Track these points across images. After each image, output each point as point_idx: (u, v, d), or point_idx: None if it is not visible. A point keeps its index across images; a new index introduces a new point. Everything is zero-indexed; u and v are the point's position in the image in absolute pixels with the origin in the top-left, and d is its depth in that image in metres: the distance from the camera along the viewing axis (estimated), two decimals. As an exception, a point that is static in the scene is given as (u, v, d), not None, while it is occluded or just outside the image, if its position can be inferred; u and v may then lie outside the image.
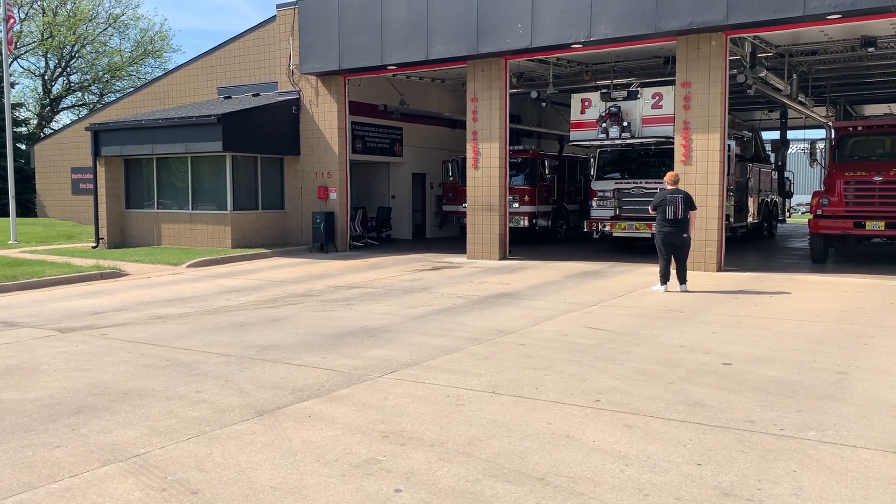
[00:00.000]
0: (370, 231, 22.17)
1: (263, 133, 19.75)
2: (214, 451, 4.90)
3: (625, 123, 17.22)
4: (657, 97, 16.95)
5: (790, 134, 27.26)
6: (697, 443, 4.96)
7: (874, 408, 5.70)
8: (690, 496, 4.13)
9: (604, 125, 17.42)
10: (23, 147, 38.51)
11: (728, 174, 16.07)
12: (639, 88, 17.44)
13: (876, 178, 14.74)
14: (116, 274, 15.20)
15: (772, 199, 24.07)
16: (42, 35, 45.52)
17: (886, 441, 4.97)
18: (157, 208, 21.15)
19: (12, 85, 41.13)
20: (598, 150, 19.16)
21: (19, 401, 6.10)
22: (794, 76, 18.90)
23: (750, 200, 20.96)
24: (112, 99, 41.88)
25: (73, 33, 45.74)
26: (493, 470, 4.52)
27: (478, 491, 4.22)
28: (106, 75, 49.66)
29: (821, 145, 23.55)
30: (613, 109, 17.34)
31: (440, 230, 24.90)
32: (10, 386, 6.58)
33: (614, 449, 4.86)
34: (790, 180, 26.28)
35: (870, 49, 15.62)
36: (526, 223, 20.63)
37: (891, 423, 5.32)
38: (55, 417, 5.64)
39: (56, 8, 45.93)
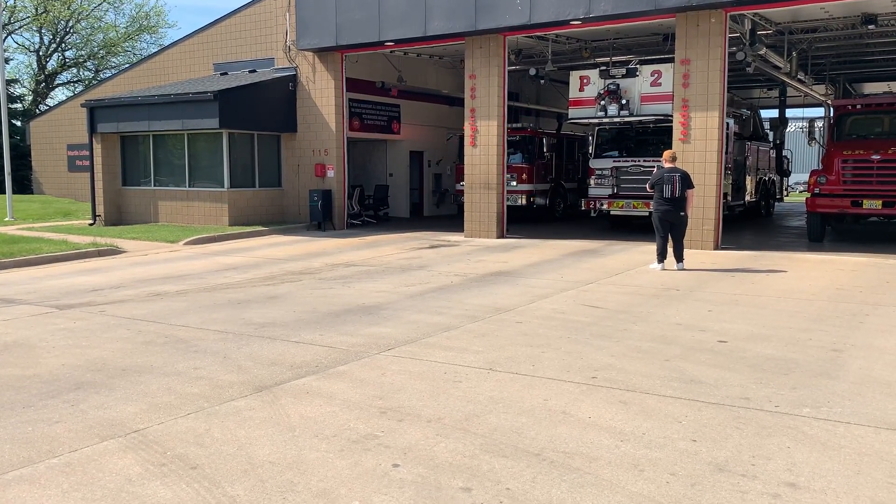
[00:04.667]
0: (367, 209, 22.15)
1: (260, 110, 19.64)
2: (213, 426, 4.93)
3: (623, 101, 17.13)
4: (656, 75, 16.85)
5: (789, 112, 27.13)
6: (693, 419, 5.00)
7: (868, 385, 5.74)
8: (685, 471, 4.17)
9: (602, 103, 17.33)
10: (18, 124, 38.29)
11: (726, 152, 16.04)
12: (638, 66, 17.34)
13: (874, 157, 14.72)
14: (114, 251, 15.18)
15: (769, 178, 24.05)
16: (36, 10, 45.05)
17: (880, 418, 5.01)
18: (154, 185, 21.07)
19: (7, 61, 40.79)
20: (597, 128, 19.08)
21: (18, 377, 6.13)
22: (794, 54, 18.79)
23: (748, 179, 20.94)
24: (108, 75, 41.56)
25: (68, 8, 45.27)
26: (489, 445, 4.56)
27: (475, 466, 4.26)
28: (101, 51, 49.26)
29: (819, 124, 23.44)
30: (612, 87, 17.25)
31: (438, 208, 24.89)
32: (9, 363, 6.60)
33: (610, 425, 4.90)
34: (788, 159, 26.23)
35: (870, 26, 15.53)
36: (524, 201, 20.60)
37: (884, 401, 5.37)
38: (54, 394, 5.67)
39: (50, -18, 45.47)
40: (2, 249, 14.13)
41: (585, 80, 17.73)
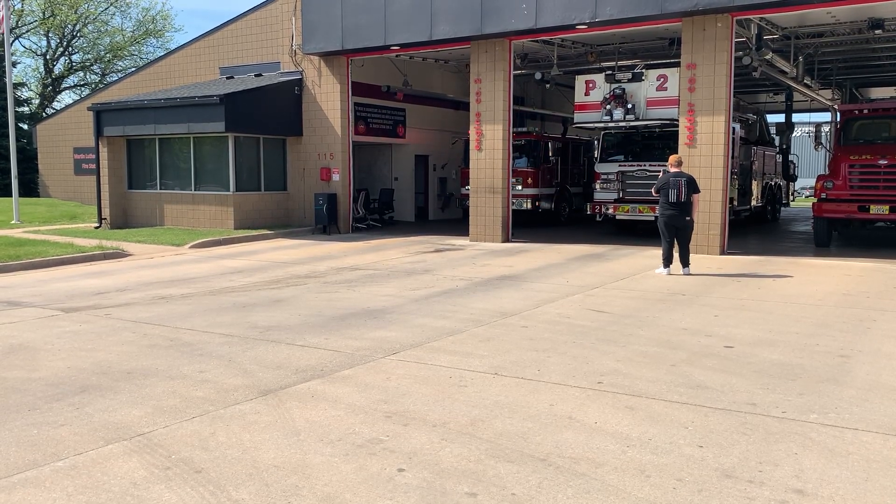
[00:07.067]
0: (372, 213, 22.15)
1: (266, 113, 19.69)
2: (218, 430, 4.92)
3: (629, 105, 17.13)
4: (662, 79, 16.85)
5: (795, 117, 27.11)
6: (699, 425, 4.98)
7: (876, 391, 5.71)
8: (692, 477, 4.15)
9: (608, 107, 17.34)
10: (25, 127, 38.46)
11: (732, 157, 16.01)
12: (644, 70, 17.34)
13: (881, 162, 14.67)
14: (119, 254, 15.21)
15: (776, 183, 24.00)
16: (43, 14, 45.29)
17: (888, 424, 4.98)
18: (160, 189, 21.13)
19: (14, 64, 40.96)
20: (602, 133, 19.08)
21: (24, 380, 6.13)
22: (800, 58, 18.75)
23: (754, 184, 20.90)
24: (114, 79, 41.74)
25: (75, 12, 45.50)
26: (495, 450, 4.55)
27: (480, 471, 4.24)
28: (108, 55, 49.47)
29: (826, 128, 23.38)
30: (618, 91, 17.25)
31: (443, 212, 24.90)
32: (15, 365, 6.61)
33: (616, 430, 4.88)
34: (794, 164, 26.19)
35: (877, 31, 15.46)
36: (529, 206, 20.60)
37: (892, 406, 5.33)
38: (60, 396, 5.67)
39: (57, -14, 45.71)
40: (8, 252, 14.17)
41: (591, 85, 17.74)
